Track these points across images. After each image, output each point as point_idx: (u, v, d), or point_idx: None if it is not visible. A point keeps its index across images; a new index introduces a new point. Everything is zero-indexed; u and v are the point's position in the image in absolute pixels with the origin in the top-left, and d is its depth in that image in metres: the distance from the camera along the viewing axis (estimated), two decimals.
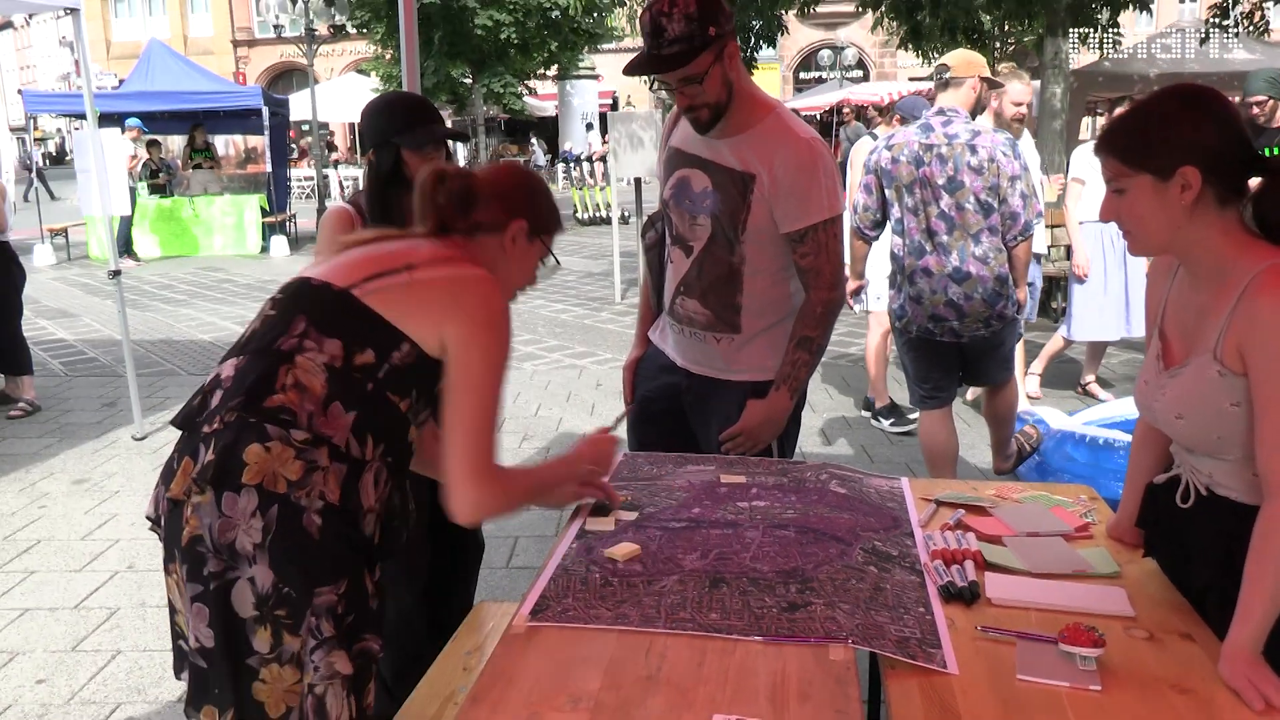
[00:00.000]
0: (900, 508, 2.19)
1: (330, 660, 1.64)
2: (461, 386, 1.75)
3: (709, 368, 2.67)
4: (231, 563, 1.61)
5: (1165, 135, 1.60)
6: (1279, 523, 1.54)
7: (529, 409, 6.32)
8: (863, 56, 31.73)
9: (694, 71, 2.36)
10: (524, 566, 3.94)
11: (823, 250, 2.49)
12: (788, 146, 2.45)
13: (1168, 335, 1.78)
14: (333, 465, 1.64)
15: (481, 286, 1.79)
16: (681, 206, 2.60)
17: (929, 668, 1.53)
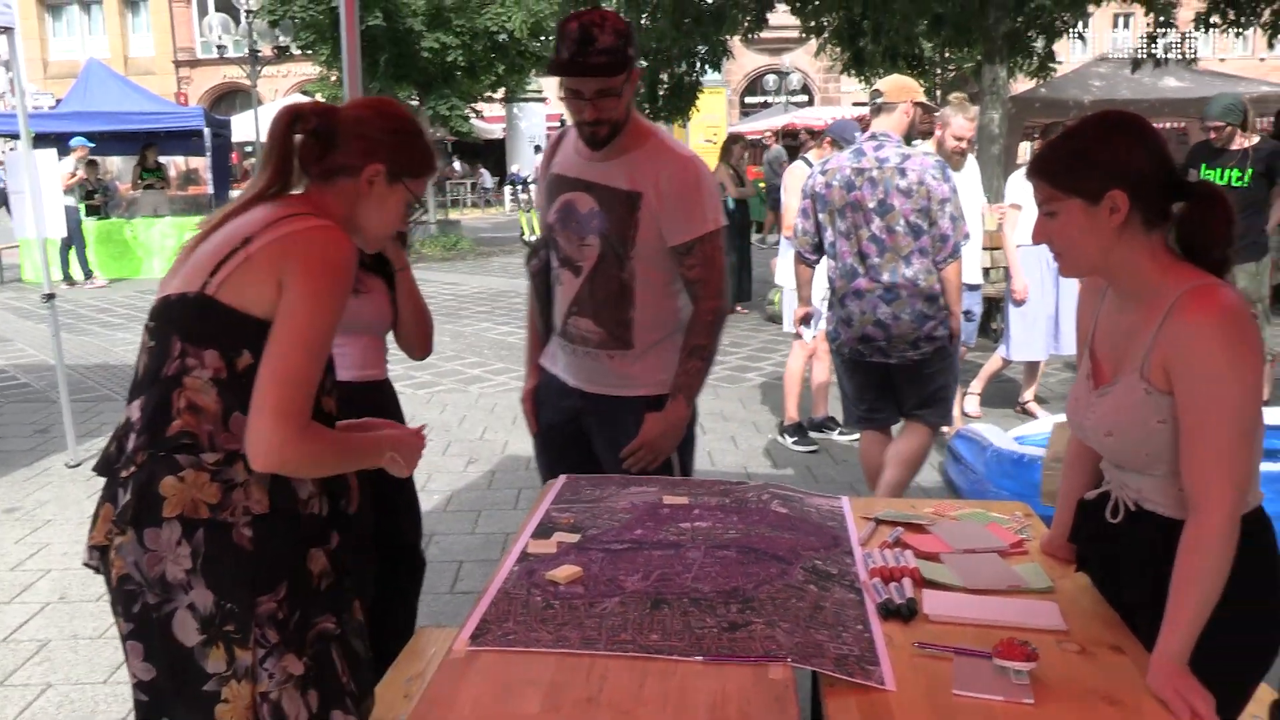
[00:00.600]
0: (840, 526, 2.21)
1: (282, 665, 1.67)
2: (282, 330, 1.65)
3: (604, 385, 2.72)
4: (166, 595, 1.64)
5: (1094, 160, 1.66)
6: (1203, 536, 1.58)
7: (474, 432, 6.28)
8: (808, 81, 32.16)
9: (616, 85, 2.46)
10: (469, 591, 3.91)
11: (709, 262, 2.61)
12: (671, 164, 2.57)
13: (1097, 355, 1.83)
14: (253, 476, 1.65)
15: (313, 236, 1.69)
16: (568, 229, 2.66)
17: (867, 684, 1.55)
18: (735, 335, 9.42)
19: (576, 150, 2.66)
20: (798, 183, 5.94)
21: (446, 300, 12.14)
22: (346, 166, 1.81)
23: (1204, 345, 1.58)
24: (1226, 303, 1.60)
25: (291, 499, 1.70)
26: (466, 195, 29.27)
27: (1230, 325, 1.58)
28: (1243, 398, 1.59)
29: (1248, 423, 1.60)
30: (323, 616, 1.74)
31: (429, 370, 8.11)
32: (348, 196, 1.82)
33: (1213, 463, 1.59)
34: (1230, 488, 1.58)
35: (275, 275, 1.66)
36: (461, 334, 9.80)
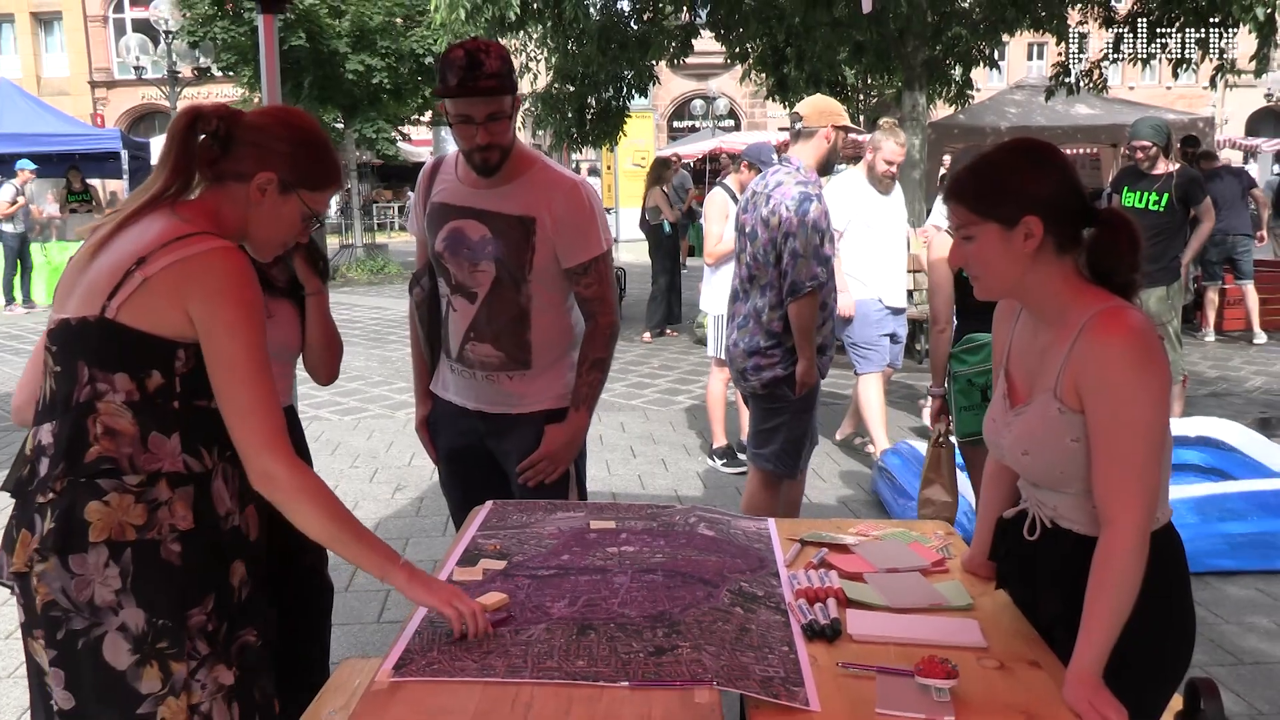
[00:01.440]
0: (767, 548, 2.22)
1: (214, 675, 1.72)
2: (222, 367, 1.68)
3: (504, 405, 2.75)
4: (95, 618, 1.64)
5: (1010, 187, 1.71)
6: (1114, 551, 1.63)
7: (402, 459, 6.21)
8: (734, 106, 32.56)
9: (504, 109, 2.52)
10: (395, 621, 3.84)
11: (603, 280, 2.71)
12: (561, 188, 2.63)
13: (1012, 375, 1.88)
14: (176, 493, 1.68)
15: (210, 263, 1.67)
16: (459, 256, 2.67)
17: (792, 706, 1.56)
18: (665, 358, 9.47)
19: (460, 178, 2.69)
20: (719, 210, 6.01)
21: (372, 325, 11.99)
22: (239, 172, 1.78)
23: (1112, 365, 1.64)
24: (1134, 324, 1.66)
25: (213, 514, 1.73)
26: (394, 219, 29.01)
27: (1137, 345, 1.64)
28: (1150, 415, 1.64)
29: (1156, 440, 1.65)
30: (245, 629, 1.78)
31: (356, 396, 8.00)
32: (239, 202, 1.80)
33: (1122, 479, 1.64)
34: (1139, 504, 1.63)
35: (178, 302, 1.65)
36: (388, 359, 9.68)
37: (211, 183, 1.79)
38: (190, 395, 1.71)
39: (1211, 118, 16.50)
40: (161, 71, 18.76)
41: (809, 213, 3.62)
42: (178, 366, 1.69)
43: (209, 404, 1.72)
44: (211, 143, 1.77)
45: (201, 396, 1.72)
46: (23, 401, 1.93)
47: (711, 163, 19.05)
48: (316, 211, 1.88)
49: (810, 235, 3.61)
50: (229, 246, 1.70)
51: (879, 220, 5.72)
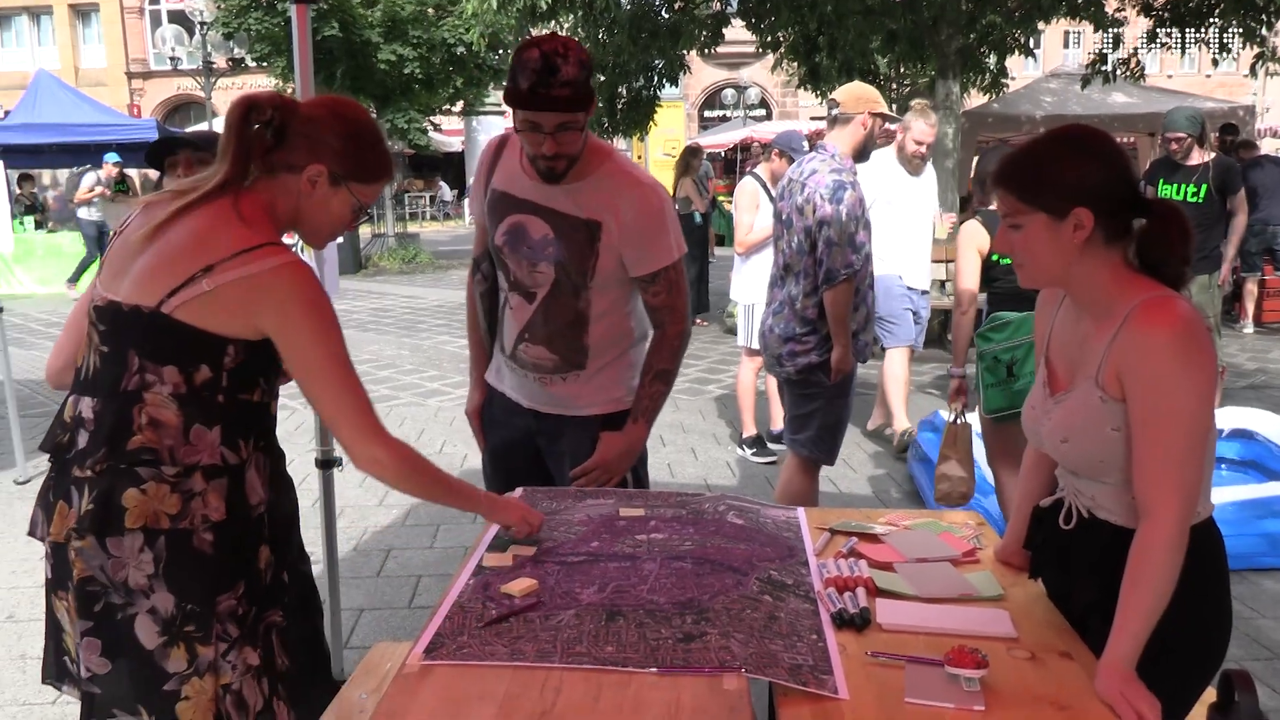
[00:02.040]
0: (796, 537, 2.22)
1: (243, 657, 1.78)
2: (314, 376, 1.77)
3: (557, 407, 2.66)
4: (128, 599, 1.71)
5: (1061, 177, 1.68)
6: (1152, 543, 1.61)
7: (433, 445, 6.25)
8: (765, 95, 32.41)
9: (577, 121, 2.34)
10: (427, 605, 3.88)
11: (674, 288, 2.56)
12: (631, 192, 2.47)
13: (1053, 363, 1.86)
14: (211, 485, 1.73)
15: (276, 277, 1.71)
16: (519, 254, 2.55)
17: (821, 694, 1.56)
18: (694, 348, 9.46)
19: (524, 169, 2.52)
20: (750, 199, 5.99)
21: (404, 313, 12.07)
22: (291, 163, 1.80)
23: (1157, 355, 1.61)
24: (1181, 314, 1.63)
25: (245, 504, 1.78)
26: (425, 208, 29.13)
27: (1184, 336, 1.61)
28: (1194, 407, 1.61)
29: (1199, 432, 1.63)
30: (272, 609, 1.84)
31: (387, 384, 8.06)
32: (291, 193, 1.82)
33: (1163, 471, 1.62)
34: (1180, 496, 1.61)
35: (247, 314, 1.72)
36: (420, 347, 9.74)
37: (264, 173, 1.81)
38: (235, 389, 1.76)
39: (1252, 106, 16.24)
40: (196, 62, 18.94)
41: (843, 200, 3.61)
42: (226, 362, 1.74)
43: (252, 397, 1.79)
44: (266, 132, 1.79)
45: (246, 390, 1.77)
46: (61, 365, 2.01)
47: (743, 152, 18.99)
48: (366, 203, 1.90)
49: (845, 223, 3.60)
50: (295, 261, 1.74)
51: (904, 200, 5.80)
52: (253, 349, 1.75)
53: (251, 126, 1.78)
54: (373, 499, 5.24)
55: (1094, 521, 1.81)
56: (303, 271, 1.74)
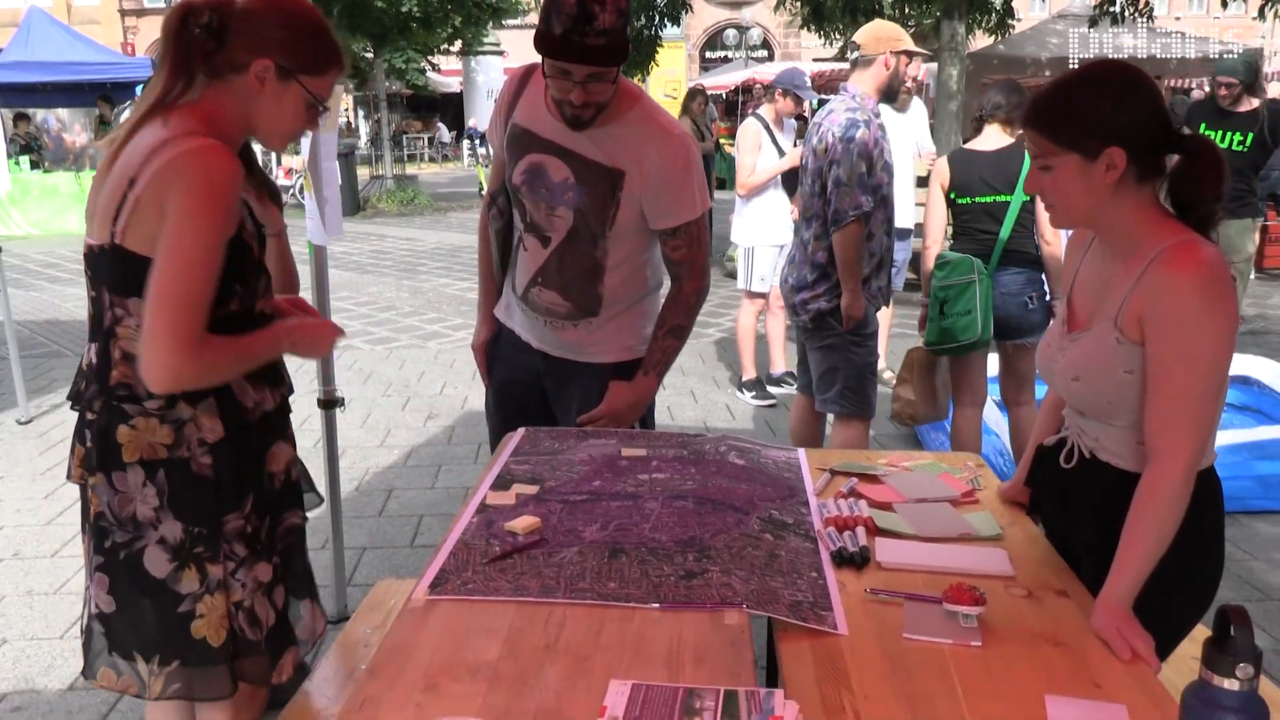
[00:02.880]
0: (796, 477, 2.24)
1: (253, 574, 1.81)
2: (162, 253, 1.64)
3: (567, 351, 2.64)
4: (137, 532, 1.75)
5: (1094, 116, 1.65)
6: (1159, 485, 1.62)
7: (433, 387, 6.26)
8: (768, 36, 31.99)
9: (609, 73, 2.27)
10: (429, 545, 3.92)
11: (695, 242, 2.51)
12: (658, 143, 2.40)
13: (1074, 302, 1.86)
14: (199, 408, 1.73)
15: (187, 159, 1.63)
16: (536, 195, 2.49)
17: (820, 629, 1.58)
18: None
19: (548, 107, 2.41)
20: (753, 141, 5.94)
21: (404, 255, 12.03)
22: (236, 63, 1.73)
23: (1181, 299, 1.60)
24: (1206, 259, 1.61)
25: (239, 413, 1.78)
26: (424, 150, 28.90)
27: (1208, 281, 1.60)
28: (1214, 353, 1.61)
29: (1216, 379, 1.62)
30: (289, 512, 1.88)
31: (387, 326, 8.05)
32: (240, 95, 1.75)
33: (1176, 415, 1.62)
34: (1191, 440, 1.61)
35: (161, 208, 1.64)
36: (420, 289, 9.72)
37: (211, 78, 1.74)
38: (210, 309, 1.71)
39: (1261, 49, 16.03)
40: None
41: (854, 138, 3.52)
42: None
43: (229, 308, 1.75)
44: (206, 36, 1.71)
45: (218, 305, 1.72)
46: None
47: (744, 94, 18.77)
48: (320, 97, 1.82)
49: (855, 162, 3.51)
50: (210, 144, 1.65)
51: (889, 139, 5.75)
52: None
53: (191, 32, 1.70)
54: (374, 440, 5.27)
55: (1095, 463, 1.82)
56: (215, 155, 1.65)
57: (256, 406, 1.82)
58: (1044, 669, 1.48)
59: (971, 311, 3.88)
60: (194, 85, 1.73)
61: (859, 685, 1.44)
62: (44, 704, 2.92)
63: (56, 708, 2.90)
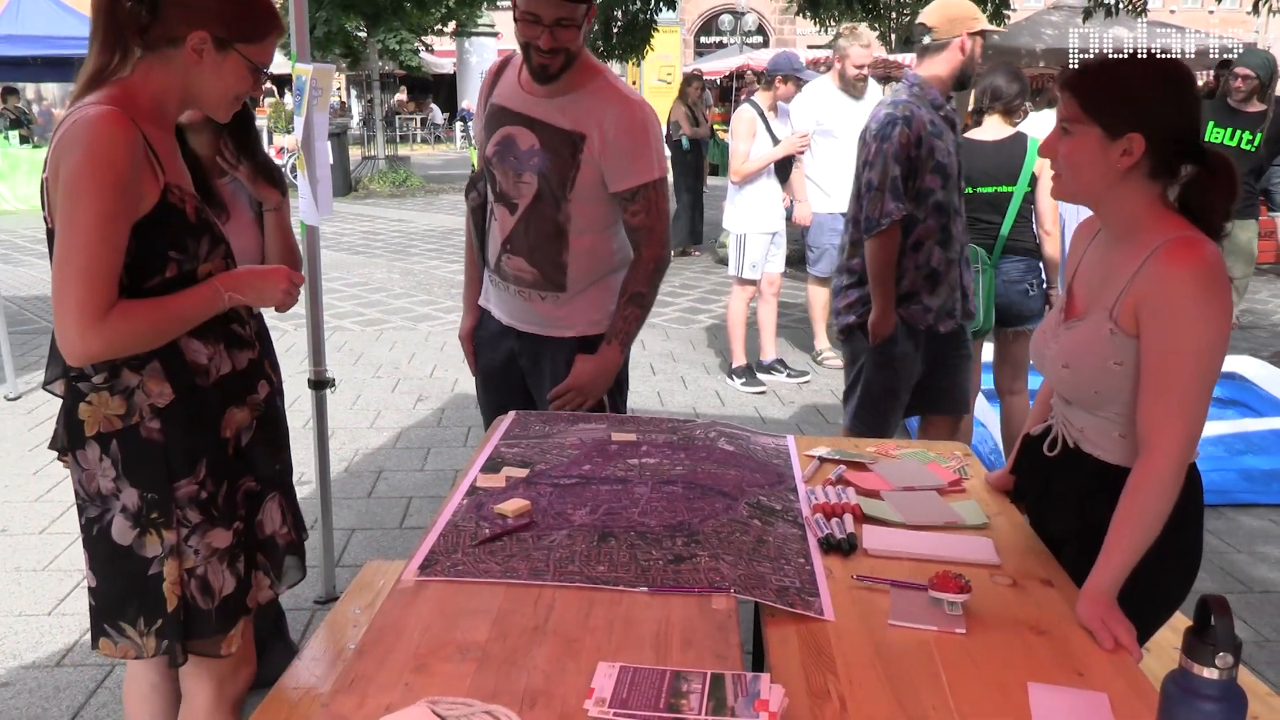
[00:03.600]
0: (785, 464, 2.25)
1: (207, 541, 1.80)
2: (59, 227, 1.63)
3: (536, 325, 2.69)
4: (104, 506, 1.78)
5: (1128, 97, 1.66)
6: (1149, 478, 1.63)
7: (424, 370, 6.26)
8: (763, 22, 31.91)
9: (576, 17, 2.37)
10: (418, 526, 3.93)
11: (653, 208, 2.55)
12: (618, 107, 2.48)
13: (1074, 289, 1.87)
14: (144, 373, 1.74)
15: (77, 131, 1.60)
16: (506, 164, 2.58)
17: (807, 615, 1.59)
18: (686, 277, 9.44)
19: (520, 83, 2.57)
20: (747, 127, 5.94)
21: (395, 237, 11.99)
22: (171, 36, 1.69)
23: (1178, 292, 1.61)
24: (1205, 256, 1.62)
25: (189, 374, 1.77)
26: (416, 131, 28.77)
27: (1207, 277, 1.61)
28: (1208, 348, 1.62)
29: (1208, 374, 1.63)
30: (244, 478, 1.86)
31: (378, 308, 8.04)
32: (176, 67, 1.72)
33: (1169, 408, 1.63)
34: (1181, 434, 1.62)
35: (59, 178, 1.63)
36: (411, 271, 9.70)
37: (146, 51, 1.71)
38: (140, 278, 1.70)
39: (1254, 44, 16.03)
40: None
41: (890, 138, 3.16)
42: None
43: (161, 278, 1.72)
44: (137, 8, 1.67)
45: (151, 276, 1.71)
46: None
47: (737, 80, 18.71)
48: (261, 63, 1.79)
49: (888, 165, 3.16)
50: (105, 112, 1.61)
51: (845, 128, 5.87)
52: (143, 232, 1.67)
53: (122, 5, 1.67)
54: (364, 421, 5.27)
55: (1078, 453, 1.84)
56: (105, 120, 1.60)
57: (212, 363, 1.80)
58: (1027, 657, 1.50)
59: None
60: (128, 60, 1.70)
61: (844, 670, 1.45)
62: (32, 680, 2.92)
63: (44, 683, 2.90)
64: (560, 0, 2.34)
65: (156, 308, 1.71)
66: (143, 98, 1.70)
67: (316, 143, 2.99)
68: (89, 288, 1.61)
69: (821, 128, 5.98)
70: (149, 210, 1.67)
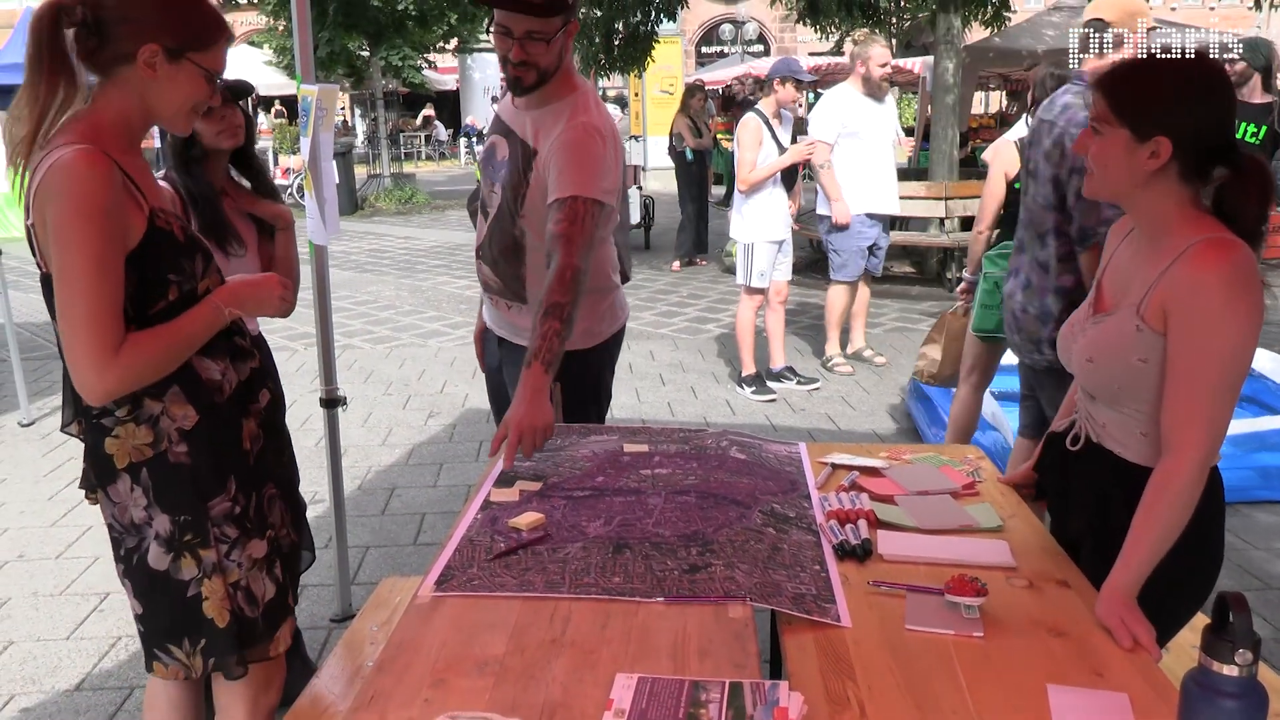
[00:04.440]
0: (798, 471, 2.25)
1: (248, 553, 1.86)
2: (56, 276, 1.64)
3: (509, 333, 2.74)
4: (139, 535, 1.82)
5: (1158, 101, 1.65)
6: (1172, 478, 1.63)
7: (434, 386, 6.27)
8: (763, 31, 31.95)
9: (548, 30, 2.37)
10: (431, 543, 3.93)
11: (578, 221, 2.35)
12: (565, 121, 2.44)
13: (1104, 284, 1.87)
14: (166, 398, 1.76)
15: (52, 176, 1.60)
16: (486, 172, 2.65)
17: (823, 622, 1.59)
18: (693, 287, 9.45)
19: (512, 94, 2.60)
20: (753, 136, 5.94)
21: (402, 255, 12.02)
22: (121, 54, 1.66)
23: (1206, 293, 1.60)
24: (1236, 256, 1.61)
25: (207, 392, 1.80)
26: (421, 148, 28.88)
27: (1236, 278, 1.60)
28: (1235, 350, 1.61)
29: (1234, 376, 1.63)
30: (266, 486, 1.91)
31: (387, 325, 8.06)
32: (133, 86, 1.69)
33: (1194, 408, 1.62)
34: (1205, 435, 1.62)
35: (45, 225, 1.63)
36: (419, 288, 9.72)
37: (102, 79, 1.69)
38: (142, 309, 1.71)
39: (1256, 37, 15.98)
40: None
41: None
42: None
43: (165, 302, 1.73)
44: (85, 34, 1.64)
45: (155, 301, 1.72)
46: None
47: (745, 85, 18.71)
48: (213, 69, 1.76)
49: None
50: (76, 153, 1.60)
51: (870, 129, 6.07)
52: (138, 262, 1.68)
53: (65, 33, 1.63)
54: (376, 439, 5.28)
55: (1099, 450, 1.83)
56: (78, 161, 1.59)
57: (223, 381, 1.83)
58: (1046, 658, 1.49)
59: None
60: (75, 90, 1.67)
61: (863, 676, 1.45)
62: (51, 705, 2.93)
63: (64, 708, 2.91)
64: (528, 15, 2.34)
65: (165, 335, 1.73)
66: (108, 128, 1.68)
67: (323, 163, 3.00)
68: (97, 331, 1.63)
69: (847, 130, 6.03)
70: (139, 240, 1.68)
